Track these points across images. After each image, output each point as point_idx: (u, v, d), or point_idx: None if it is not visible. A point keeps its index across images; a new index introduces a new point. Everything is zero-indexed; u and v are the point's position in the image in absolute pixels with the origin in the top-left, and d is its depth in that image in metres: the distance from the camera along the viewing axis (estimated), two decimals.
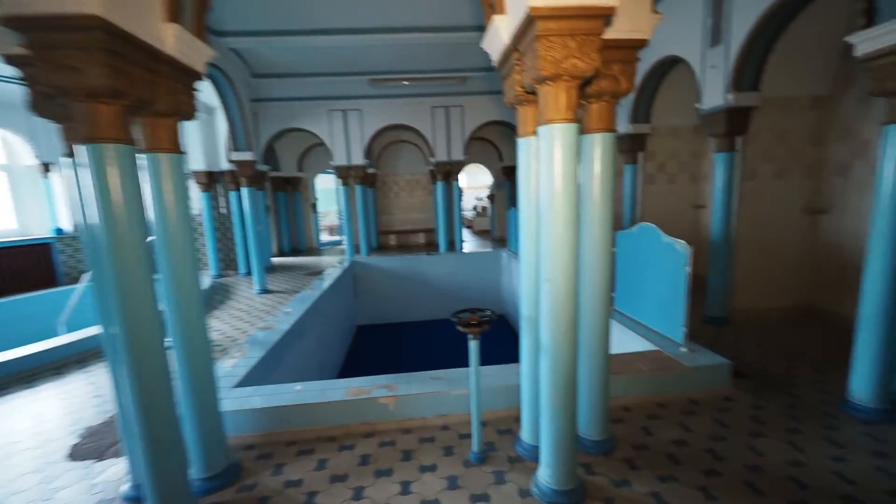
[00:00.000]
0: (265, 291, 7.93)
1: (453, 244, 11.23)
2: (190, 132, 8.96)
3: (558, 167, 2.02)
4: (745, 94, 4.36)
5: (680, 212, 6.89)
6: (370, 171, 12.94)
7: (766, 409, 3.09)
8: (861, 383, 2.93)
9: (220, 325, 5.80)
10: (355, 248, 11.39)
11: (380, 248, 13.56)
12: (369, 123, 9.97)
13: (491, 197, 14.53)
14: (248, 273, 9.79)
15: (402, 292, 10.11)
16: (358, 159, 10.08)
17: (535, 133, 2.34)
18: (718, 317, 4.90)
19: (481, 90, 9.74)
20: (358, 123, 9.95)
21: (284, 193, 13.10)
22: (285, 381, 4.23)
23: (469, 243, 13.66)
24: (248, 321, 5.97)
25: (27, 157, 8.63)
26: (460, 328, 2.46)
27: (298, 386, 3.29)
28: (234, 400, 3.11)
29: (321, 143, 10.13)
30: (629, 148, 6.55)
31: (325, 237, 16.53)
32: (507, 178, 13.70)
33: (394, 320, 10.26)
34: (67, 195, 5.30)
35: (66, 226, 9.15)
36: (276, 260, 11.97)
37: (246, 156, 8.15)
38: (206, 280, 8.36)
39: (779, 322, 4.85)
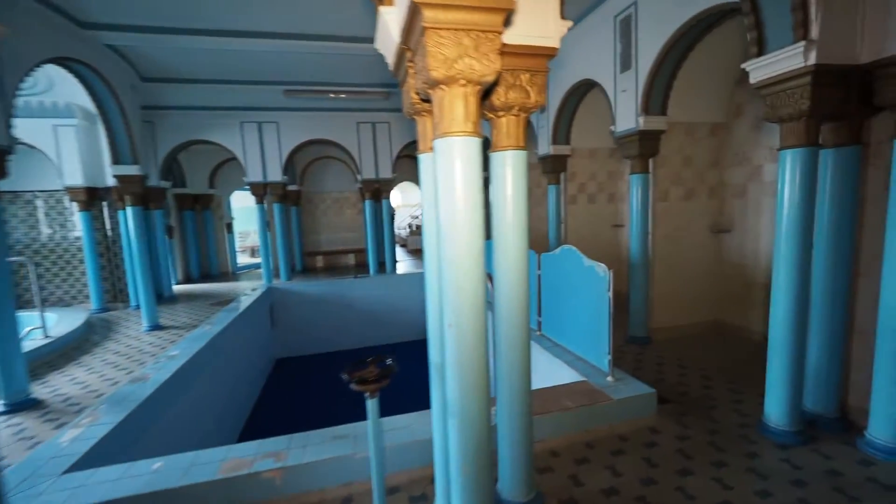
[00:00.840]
0: (156, 328, 6.77)
1: (384, 265, 10.69)
2: (64, 142, 7.61)
3: (459, 189, 1.68)
4: (653, 117, 4.48)
5: (601, 232, 7.06)
6: (292, 188, 12.06)
7: (691, 439, 2.97)
8: (775, 407, 2.92)
9: (85, 376, 4.71)
10: (274, 272, 10.40)
11: (306, 270, 12.58)
12: (288, 138, 9.24)
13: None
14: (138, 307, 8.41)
15: (327, 319, 9.31)
16: (275, 176, 9.26)
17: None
18: (640, 336, 4.92)
19: None
20: (275, 137, 9.18)
21: (192, 212, 11.71)
22: (158, 449, 3.40)
23: (404, 263, 13.19)
24: (126, 368, 4.93)
25: None
26: (354, 386, 1.99)
27: (157, 462, 2.57)
28: (58, 493, 2.32)
29: (235, 158, 9.17)
30: (552, 169, 6.60)
31: (244, 260, 15.09)
32: None
33: (319, 350, 9.40)
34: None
35: None
36: (180, 288, 10.53)
37: (130, 170, 6.98)
38: (82, 316, 6.98)
39: (694, 339, 4.97)
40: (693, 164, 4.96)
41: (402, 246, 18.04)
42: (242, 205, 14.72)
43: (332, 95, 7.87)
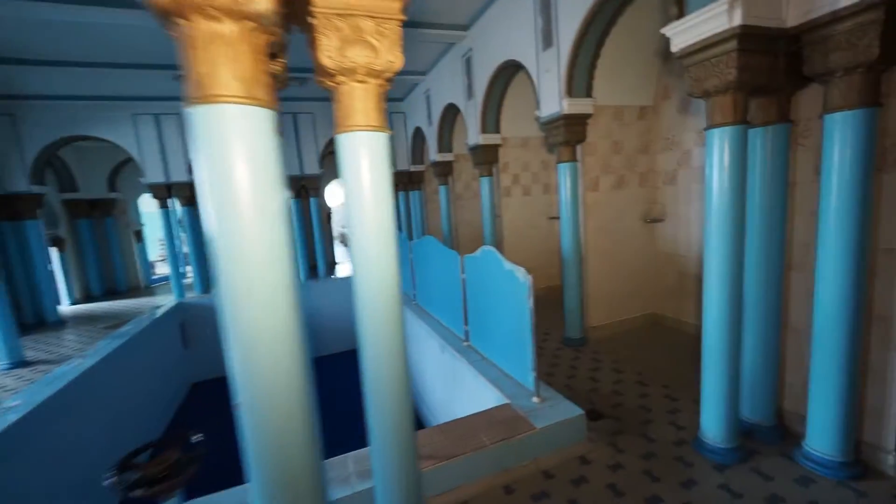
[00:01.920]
0: (19, 364, 5.58)
1: (315, 270, 9.83)
2: None
3: (243, 178, 1.08)
4: (578, 100, 4.08)
5: (538, 224, 6.71)
6: None
7: (625, 468, 2.58)
8: (712, 422, 2.58)
9: None
10: (187, 285, 9.21)
11: None
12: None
13: None
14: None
15: None
16: (180, 175, 8.11)
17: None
18: (576, 338, 4.58)
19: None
20: (176, 131, 8.02)
21: (90, 221, 10.15)
22: None
23: (346, 265, 12.34)
24: None
25: None
26: (136, 493, 1.33)
27: None
28: None
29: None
30: (483, 160, 6.12)
31: (164, 271, 13.50)
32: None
33: None
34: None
35: None
36: (75, 309, 9.07)
37: None
38: None
39: (631, 336, 4.71)
40: (623, 150, 4.65)
41: (345, 245, 17.10)
42: (152, 210, 13.12)
43: None
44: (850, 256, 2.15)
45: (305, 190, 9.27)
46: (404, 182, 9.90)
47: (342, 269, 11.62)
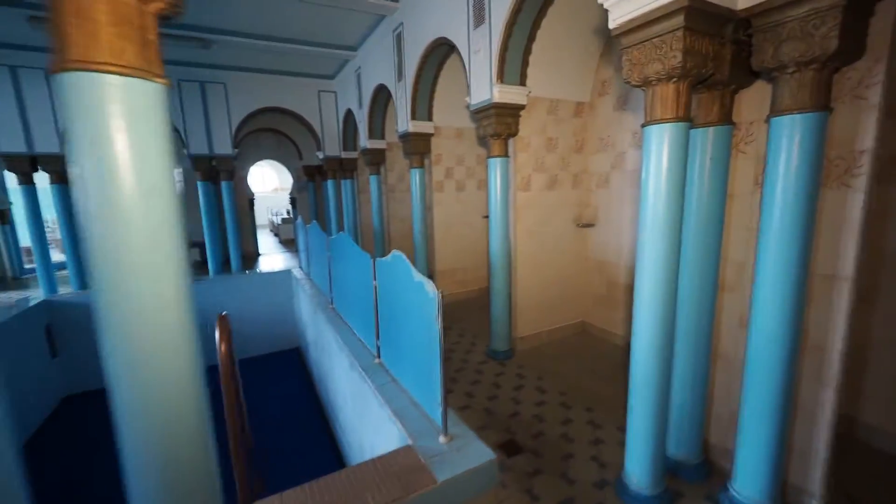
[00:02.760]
0: None
1: (229, 263, 8.70)
2: None
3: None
4: (511, 88, 3.64)
5: (471, 223, 6.28)
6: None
7: None
8: (636, 465, 2.25)
9: None
10: (62, 279, 7.71)
11: None
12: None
13: (293, 201, 12.32)
14: None
15: None
16: (49, 145, 6.65)
17: None
18: (502, 351, 4.19)
19: (251, 66, 7.58)
20: (43, 90, 6.53)
21: None
22: None
23: (273, 257, 11.21)
24: None
25: None
26: None
27: None
28: None
29: None
30: (414, 150, 5.54)
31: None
32: (310, 179, 11.74)
33: None
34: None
35: None
36: None
37: None
38: None
39: (559, 347, 4.42)
40: (557, 148, 4.31)
41: (276, 236, 15.75)
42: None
43: None
44: (791, 280, 1.88)
45: (214, 172, 8.10)
46: (334, 169, 9.05)
47: (268, 262, 10.52)
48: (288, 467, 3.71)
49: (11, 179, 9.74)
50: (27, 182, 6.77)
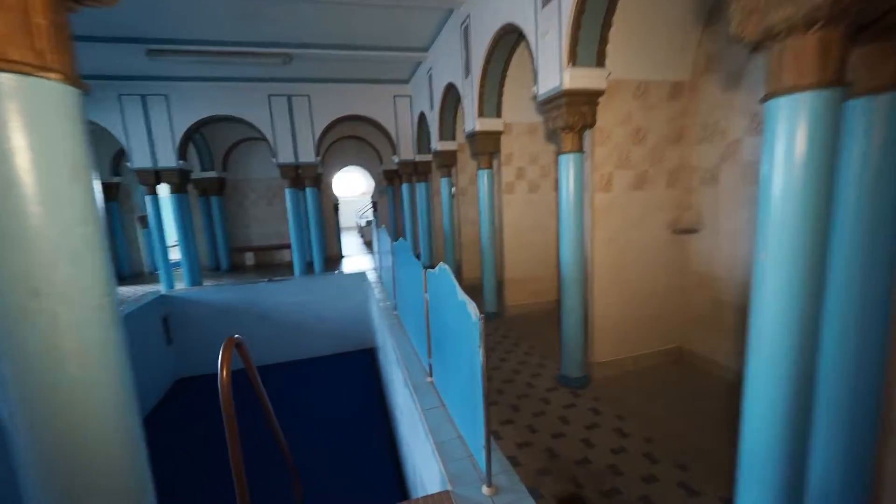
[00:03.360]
0: None
1: (312, 265, 9.22)
2: None
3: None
4: (585, 71, 3.08)
5: (545, 227, 5.70)
6: (210, 175, 10.44)
7: None
8: None
9: None
10: (171, 275, 8.84)
11: (234, 269, 11.06)
12: (181, 114, 7.61)
13: (374, 205, 12.78)
14: None
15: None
16: (168, 160, 7.66)
17: None
18: (575, 378, 3.62)
19: (331, 76, 7.92)
20: (164, 113, 7.54)
21: (110, 204, 10.02)
22: None
23: (355, 258, 11.78)
24: None
25: None
26: None
27: None
28: None
29: None
30: (481, 149, 5.17)
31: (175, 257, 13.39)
32: (389, 183, 12.05)
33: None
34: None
35: None
36: None
37: None
38: None
39: (646, 379, 3.70)
40: (646, 139, 3.60)
41: (361, 237, 16.60)
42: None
43: (215, 56, 6.24)
44: None
45: (300, 180, 8.62)
46: (409, 173, 9.07)
47: (351, 264, 11.02)
48: (341, 473, 3.61)
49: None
50: (152, 192, 7.88)
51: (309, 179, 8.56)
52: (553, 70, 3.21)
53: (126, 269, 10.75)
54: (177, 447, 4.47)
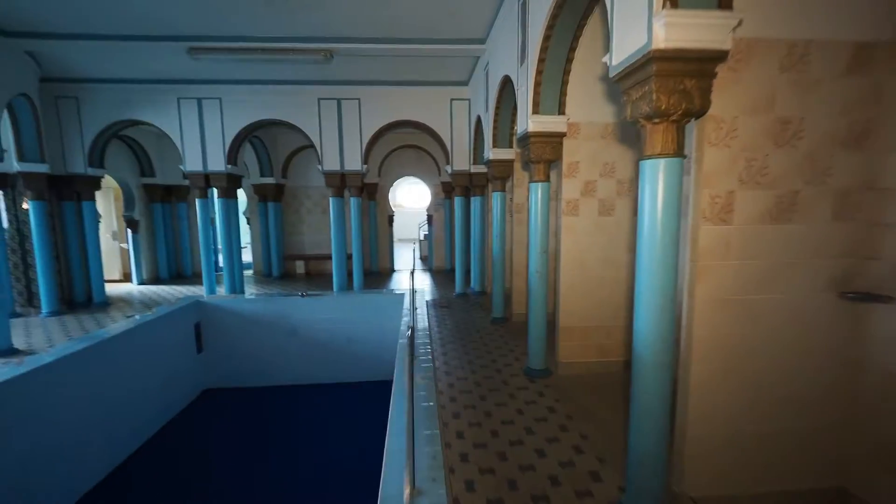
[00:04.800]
0: (8, 352, 5.27)
1: (351, 280, 8.57)
2: None
3: None
4: (694, 16, 1.79)
5: (620, 262, 4.27)
6: (268, 181, 10.43)
7: None
8: None
9: None
10: (214, 280, 8.70)
11: (285, 276, 10.92)
12: (233, 117, 7.46)
13: (429, 218, 11.98)
14: (55, 312, 7.15)
15: (262, 346, 7.38)
16: (217, 164, 7.54)
17: None
18: None
19: (383, 78, 7.26)
20: (217, 117, 7.44)
21: (164, 205, 10.54)
22: None
23: (406, 274, 11.07)
24: None
25: None
26: None
27: None
28: None
29: None
30: (537, 156, 3.96)
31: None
32: (447, 195, 11.18)
33: (251, 384, 7.53)
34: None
35: None
36: (132, 289, 9.33)
37: (38, 167, 6.70)
38: None
39: None
40: (799, 139, 2.16)
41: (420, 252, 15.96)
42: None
43: (257, 54, 5.85)
44: None
45: (346, 189, 8.03)
46: (463, 185, 8.07)
47: (402, 280, 10.27)
48: None
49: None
50: (203, 196, 7.82)
51: (354, 189, 7.95)
52: (637, 22, 1.96)
53: (188, 269, 11.16)
54: (196, 457, 3.96)
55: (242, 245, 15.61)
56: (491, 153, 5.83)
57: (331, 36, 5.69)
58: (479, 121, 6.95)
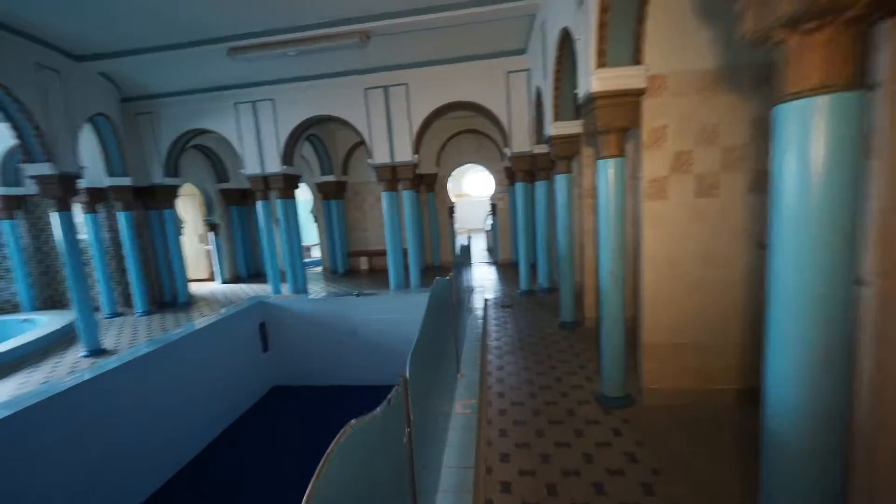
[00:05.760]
0: (95, 353, 5.74)
1: (408, 278, 8.18)
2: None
3: None
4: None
5: (723, 258, 3.16)
6: (329, 178, 10.46)
7: None
8: None
9: None
10: (278, 280, 8.87)
11: (350, 273, 10.99)
12: (286, 117, 7.41)
13: (492, 207, 11.18)
14: (148, 312, 7.82)
15: (324, 346, 7.33)
16: (274, 166, 7.57)
17: None
18: None
19: (431, 57, 6.64)
20: (271, 119, 7.45)
21: (240, 209, 11.15)
22: None
23: (477, 269, 10.51)
24: None
25: None
26: None
27: None
28: None
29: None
30: (605, 124, 3.03)
31: (316, 254, 14.36)
32: (510, 182, 10.29)
33: (315, 382, 7.55)
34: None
35: None
36: (214, 289, 10.01)
37: (122, 181, 7.40)
38: (57, 323, 6.42)
39: None
40: None
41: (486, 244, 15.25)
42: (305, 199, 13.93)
43: (290, 52, 5.58)
44: None
45: (396, 182, 7.59)
46: (524, 169, 7.18)
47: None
48: None
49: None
50: (264, 198, 7.96)
51: (406, 181, 7.48)
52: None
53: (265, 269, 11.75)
54: (263, 451, 4.10)
55: (314, 243, 16.18)
56: (552, 128, 4.90)
57: (367, 14, 5.19)
58: (539, 94, 6.00)
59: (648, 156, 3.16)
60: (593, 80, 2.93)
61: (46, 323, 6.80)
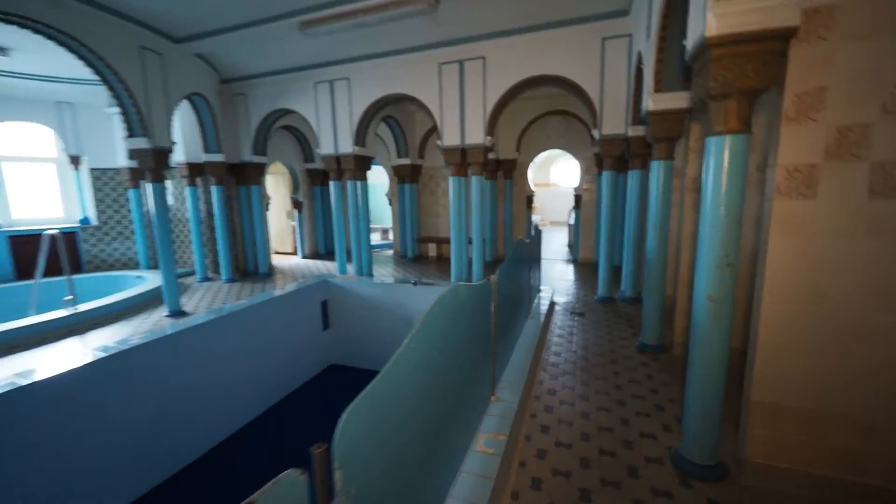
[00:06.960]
0: (177, 314, 6.26)
1: (471, 271, 7.60)
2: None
3: None
4: None
5: None
6: (404, 161, 10.26)
7: None
8: None
9: None
10: (349, 260, 8.91)
11: (419, 258, 10.80)
12: (360, 97, 7.27)
13: (576, 199, 10.01)
14: (232, 279, 8.47)
15: (379, 331, 7.20)
16: (346, 146, 7.52)
17: None
18: None
19: (513, 26, 5.87)
20: (346, 98, 7.36)
21: (324, 188, 11.59)
22: None
23: (552, 264, 9.65)
24: None
25: (53, 150, 9.06)
26: None
27: None
28: None
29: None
30: (722, 87, 2.10)
31: (377, 239, 14.55)
32: (599, 169, 9.05)
33: (369, 366, 7.47)
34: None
35: (91, 216, 9.41)
36: (293, 263, 10.56)
37: (216, 157, 8.04)
38: (151, 283, 7.20)
39: None
40: None
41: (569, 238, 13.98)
42: (377, 182, 14.10)
43: (360, 16, 5.26)
44: None
45: (464, 167, 7.01)
46: (614, 156, 6.09)
47: (547, 271, 8.91)
48: None
49: (373, 177, 12.66)
50: (338, 178, 8.00)
51: (475, 166, 6.87)
52: None
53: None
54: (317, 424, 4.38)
55: (390, 226, 16.37)
56: (650, 101, 3.88)
57: None
58: (640, 62, 4.90)
59: (790, 133, 2.14)
60: (711, 18, 2.02)
61: (149, 281, 7.68)
